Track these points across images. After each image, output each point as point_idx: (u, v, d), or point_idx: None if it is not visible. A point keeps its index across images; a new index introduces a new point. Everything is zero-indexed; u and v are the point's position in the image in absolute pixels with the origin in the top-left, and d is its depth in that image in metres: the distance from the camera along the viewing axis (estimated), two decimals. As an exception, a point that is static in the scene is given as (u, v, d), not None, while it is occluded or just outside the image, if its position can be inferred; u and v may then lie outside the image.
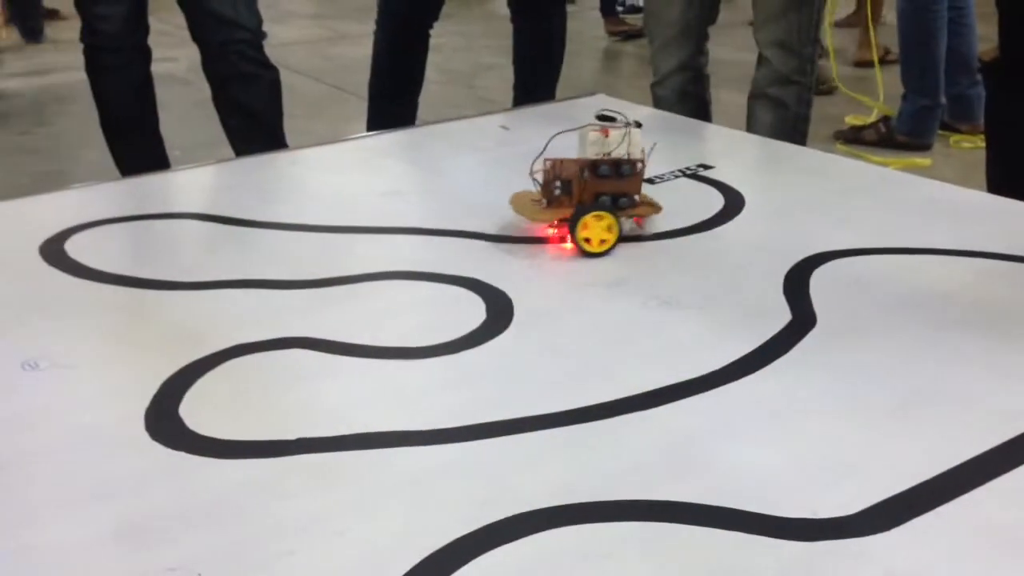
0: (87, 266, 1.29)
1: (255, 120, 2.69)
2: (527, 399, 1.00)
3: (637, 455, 0.92)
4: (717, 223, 1.42)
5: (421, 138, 1.94)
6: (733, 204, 1.48)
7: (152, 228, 1.44)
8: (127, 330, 1.17)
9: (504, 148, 1.67)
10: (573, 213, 1.30)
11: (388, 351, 1.09)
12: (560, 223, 1.33)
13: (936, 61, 3.61)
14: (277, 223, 1.42)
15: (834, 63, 4.06)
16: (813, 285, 1.23)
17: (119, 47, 2.64)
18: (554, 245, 1.33)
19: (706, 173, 1.59)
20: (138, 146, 2.74)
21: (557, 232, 1.34)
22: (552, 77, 3.17)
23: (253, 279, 1.25)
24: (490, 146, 1.72)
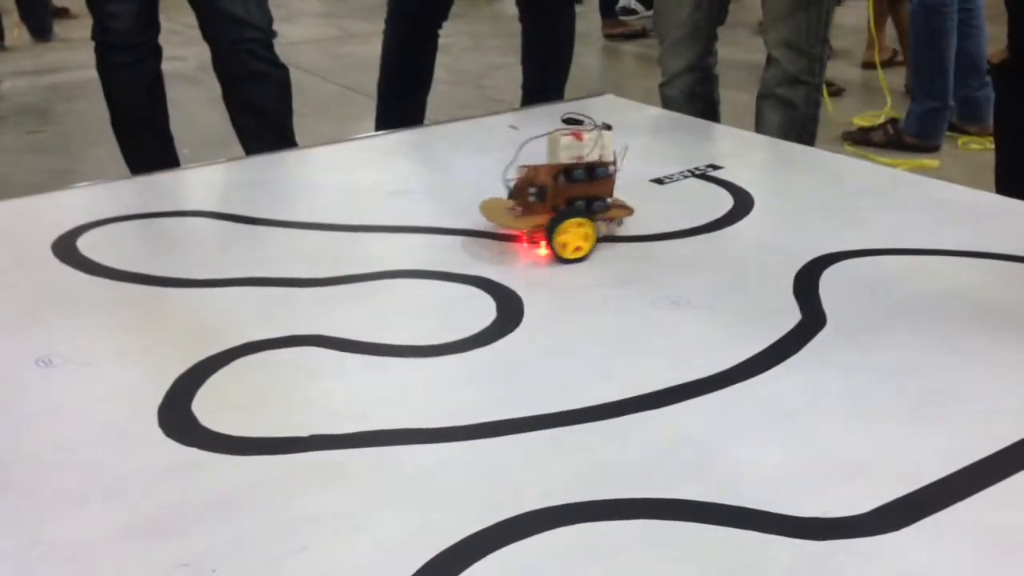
0: (99, 263, 1.30)
1: (265, 119, 2.69)
2: (538, 398, 1.00)
3: (648, 454, 0.93)
4: (727, 223, 1.42)
5: (430, 137, 1.95)
6: (742, 204, 1.48)
7: (163, 226, 1.45)
8: (140, 327, 1.17)
9: (513, 148, 1.67)
10: (552, 219, 1.29)
11: (399, 349, 1.10)
12: (533, 230, 1.32)
13: (946, 63, 3.60)
14: (287, 221, 1.43)
15: None
16: (823, 285, 1.23)
17: (130, 45, 2.64)
18: (528, 251, 1.32)
19: (715, 173, 1.59)
20: (148, 144, 2.74)
21: (530, 237, 1.33)
22: (561, 77, 3.17)
23: (264, 277, 1.26)
24: (499, 146, 1.72)
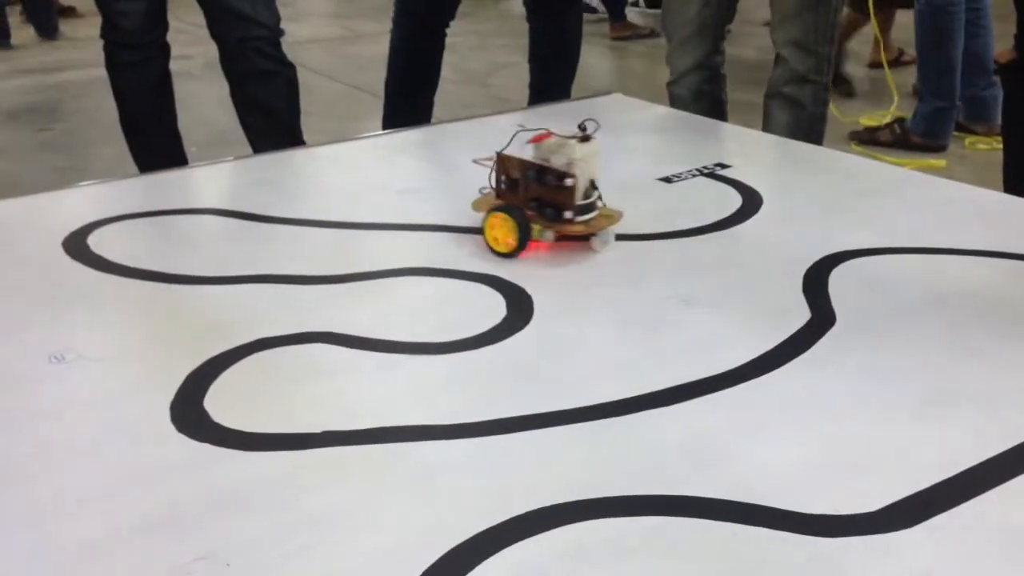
0: (110, 260, 1.30)
1: (273, 117, 2.70)
2: (548, 395, 1.01)
3: (658, 451, 0.93)
4: (735, 222, 1.42)
5: (437, 136, 1.95)
6: (751, 203, 1.48)
7: (173, 223, 1.46)
8: (151, 324, 1.18)
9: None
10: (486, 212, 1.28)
11: (409, 346, 1.10)
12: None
13: (953, 63, 3.60)
14: (296, 219, 1.43)
15: None
16: (832, 284, 1.23)
17: (139, 43, 2.65)
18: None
19: (723, 172, 1.60)
20: (156, 142, 2.75)
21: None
22: (568, 76, 3.17)
23: (274, 274, 1.26)
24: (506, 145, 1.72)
